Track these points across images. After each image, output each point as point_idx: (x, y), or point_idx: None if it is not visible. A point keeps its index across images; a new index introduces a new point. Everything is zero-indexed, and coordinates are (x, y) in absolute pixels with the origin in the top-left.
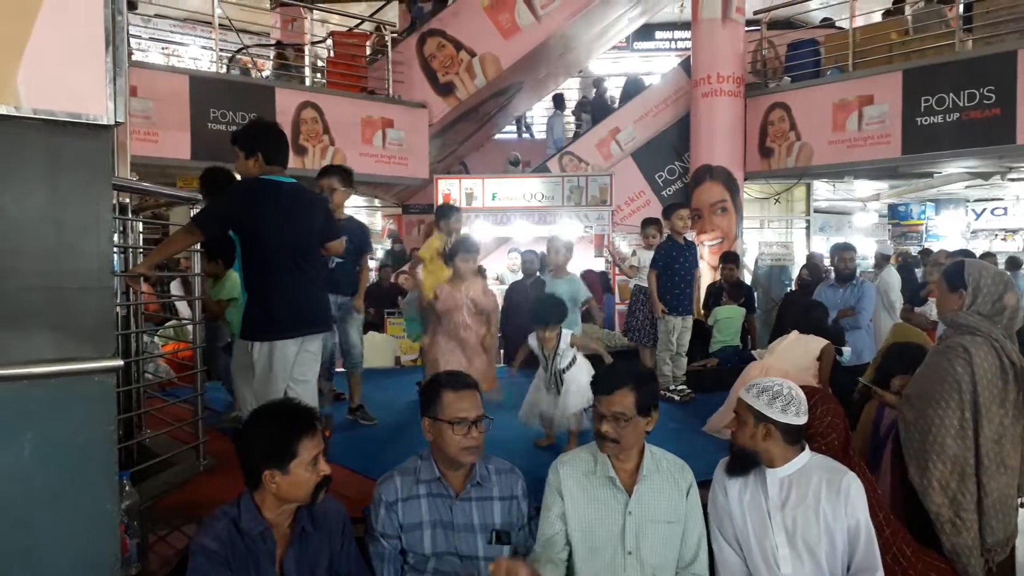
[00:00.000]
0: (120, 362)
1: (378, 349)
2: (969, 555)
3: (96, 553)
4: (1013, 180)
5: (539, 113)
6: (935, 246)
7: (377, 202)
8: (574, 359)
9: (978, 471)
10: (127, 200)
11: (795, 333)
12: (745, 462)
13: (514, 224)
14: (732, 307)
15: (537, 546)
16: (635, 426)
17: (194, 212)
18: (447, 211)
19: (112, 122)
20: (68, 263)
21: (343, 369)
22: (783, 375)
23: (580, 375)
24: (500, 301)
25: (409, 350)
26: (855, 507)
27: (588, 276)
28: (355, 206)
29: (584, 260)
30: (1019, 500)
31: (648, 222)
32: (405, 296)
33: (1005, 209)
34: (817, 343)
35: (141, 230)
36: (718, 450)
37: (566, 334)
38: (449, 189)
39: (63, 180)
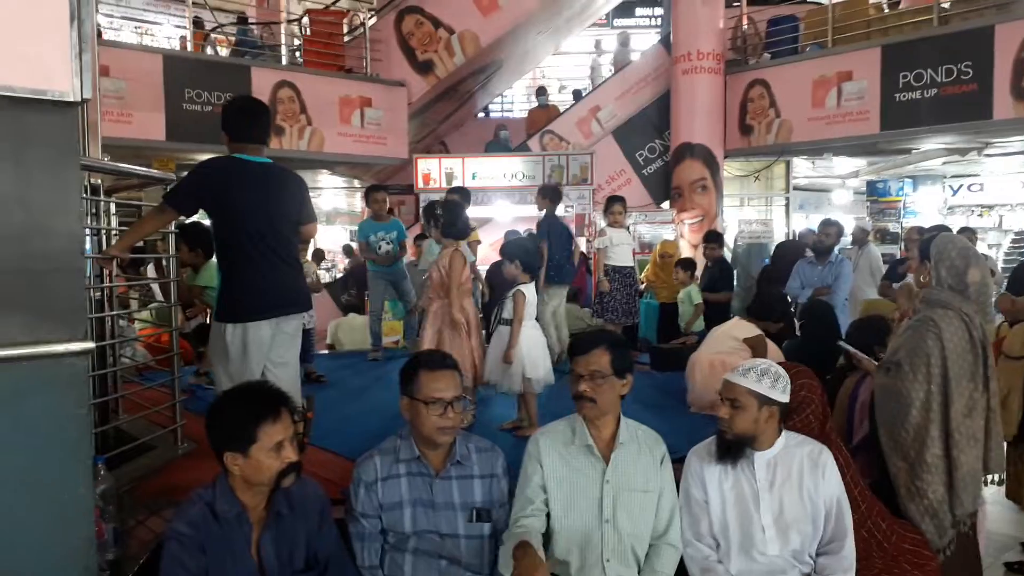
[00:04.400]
0: (92, 344)
1: (359, 331)
2: (922, 520)
3: (70, 539)
4: (989, 156)
5: (519, 93)
6: (912, 222)
7: (356, 182)
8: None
9: (948, 444)
10: (99, 181)
11: (735, 319)
12: (739, 448)
13: (495, 204)
14: (694, 287)
15: (516, 511)
16: (611, 386)
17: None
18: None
19: (79, 99)
20: (36, 244)
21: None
22: (713, 357)
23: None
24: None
25: (390, 331)
26: (832, 479)
27: None
28: (334, 187)
29: None
30: (989, 477)
31: (613, 200)
32: None
33: (982, 185)
34: (747, 331)
35: (115, 212)
36: (695, 427)
37: (519, 288)
38: (429, 169)
39: (29, 159)
